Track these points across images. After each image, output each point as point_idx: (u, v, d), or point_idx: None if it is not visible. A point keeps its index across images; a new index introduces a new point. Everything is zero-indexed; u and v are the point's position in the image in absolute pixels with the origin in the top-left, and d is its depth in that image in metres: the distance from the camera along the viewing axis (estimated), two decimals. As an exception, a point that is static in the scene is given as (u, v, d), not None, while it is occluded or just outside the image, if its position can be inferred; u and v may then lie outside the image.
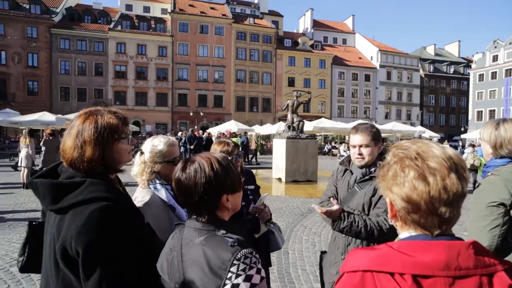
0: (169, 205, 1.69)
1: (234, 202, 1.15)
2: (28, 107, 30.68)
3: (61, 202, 1.10)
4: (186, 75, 40.03)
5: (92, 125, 1.18)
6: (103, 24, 38.11)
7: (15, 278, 3.78)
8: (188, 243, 1.08)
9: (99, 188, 1.12)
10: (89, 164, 1.15)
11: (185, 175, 1.10)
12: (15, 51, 34.43)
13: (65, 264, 1.06)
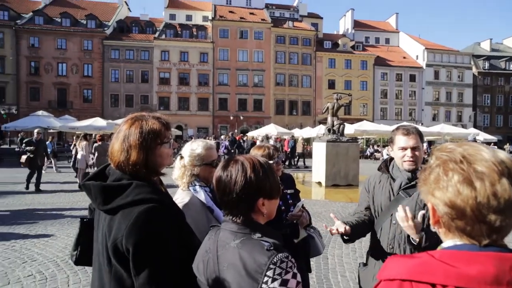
0: (207, 206, 1.74)
1: (270, 209, 1.15)
2: (83, 113, 33.27)
3: (111, 203, 1.18)
4: (226, 80, 40.92)
5: (137, 130, 1.25)
6: (149, 34, 40.22)
7: (73, 269, 4.11)
8: (224, 245, 1.09)
9: (145, 190, 1.19)
10: (134, 167, 1.23)
11: (226, 172, 1.12)
12: (73, 63, 37.54)
13: (117, 260, 1.14)
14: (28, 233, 5.62)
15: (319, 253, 2.12)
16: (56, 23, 38.09)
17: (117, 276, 1.17)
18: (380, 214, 1.98)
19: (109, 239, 1.16)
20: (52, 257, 4.50)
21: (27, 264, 4.27)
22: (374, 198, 2.03)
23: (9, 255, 4.60)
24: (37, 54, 37.01)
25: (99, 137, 10.80)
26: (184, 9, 45.22)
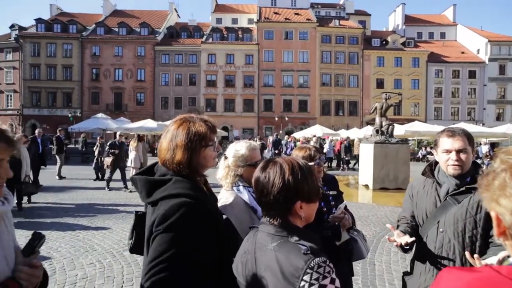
0: (251, 206, 1.78)
1: (308, 212, 1.14)
2: (136, 115, 35.44)
3: (153, 196, 1.29)
4: (271, 81, 41.11)
5: (184, 132, 1.33)
6: (197, 38, 41.76)
7: (126, 261, 4.43)
8: (261, 247, 1.10)
9: (184, 185, 1.27)
10: (178, 166, 1.31)
11: (264, 174, 1.13)
12: (128, 68, 40.28)
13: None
14: (89, 225, 6.16)
15: (363, 257, 2.07)
16: (114, 32, 41.17)
17: None
18: (425, 221, 1.87)
19: (148, 228, 1.27)
20: (109, 249, 4.89)
21: (89, 253, 4.68)
22: (418, 204, 1.93)
23: (74, 243, 5.08)
24: (98, 61, 40.29)
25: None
26: (230, 12, 46.26)
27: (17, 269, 1.10)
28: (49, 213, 7.08)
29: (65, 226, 6.01)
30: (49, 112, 39.87)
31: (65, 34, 40.46)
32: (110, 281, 3.84)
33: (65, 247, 4.89)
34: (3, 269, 1.06)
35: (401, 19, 48.18)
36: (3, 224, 1.14)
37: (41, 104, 40.44)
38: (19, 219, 6.23)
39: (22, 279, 1.08)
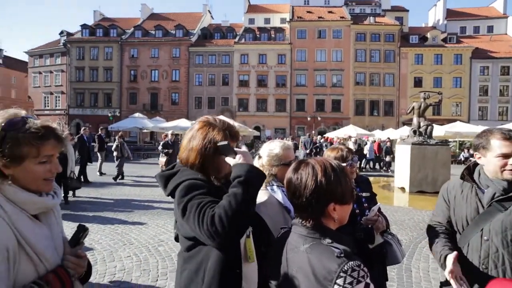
0: (284, 206, 1.79)
1: (341, 214, 1.12)
2: (171, 115, 36.59)
3: (167, 188, 1.39)
4: (304, 80, 40.72)
5: (202, 136, 1.37)
6: (230, 38, 42.31)
7: (161, 255, 4.60)
8: (293, 249, 1.09)
9: (189, 173, 1.36)
10: (191, 167, 1.38)
11: (296, 175, 1.13)
12: (164, 69, 41.68)
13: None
14: (127, 219, 6.45)
15: (398, 262, 2.01)
16: (151, 35, 42.78)
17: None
18: (465, 228, 1.74)
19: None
20: (145, 243, 5.09)
21: (126, 247, 4.91)
22: (456, 210, 1.79)
23: (113, 237, 5.35)
24: (136, 63, 42.06)
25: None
26: (262, 12, 46.39)
27: (65, 258, 1.18)
28: (91, 207, 7.51)
29: (105, 220, 6.34)
30: (91, 112, 42.26)
31: (106, 38, 42.65)
32: (146, 274, 4.01)
33: (105, 240, 5.16)
34: (54, 258, 1.15)
35: (442, 13, 45.79)
36: (53, 216, 1.23)
37: (84, 104, 42.97)
38: (65, 212, 6.66)
39: (70, 268, 1.17)
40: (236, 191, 1.18)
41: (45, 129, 1.10)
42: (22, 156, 1.07)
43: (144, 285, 3.73)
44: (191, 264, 1.35)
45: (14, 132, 1.06)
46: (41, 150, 1.09)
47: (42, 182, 1.13)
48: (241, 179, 1.20)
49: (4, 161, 1.06)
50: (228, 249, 1.32)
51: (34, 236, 1.09)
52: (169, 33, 42.65)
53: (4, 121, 1.08)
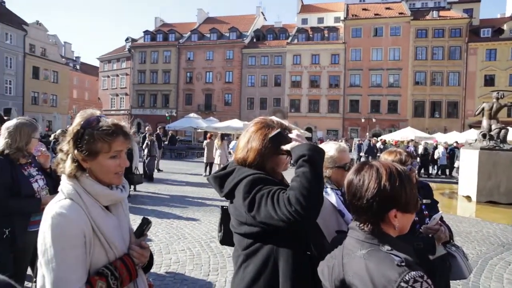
0: (338, 210, 1.74)
1: (403, 223, 1.07)
2: (224, 115, 37.67)
3: (224, 188, 1.41)
4: (358, 80, 39.26)
5: (261, 137, 1.40)
6: (282, 39, 42.34)
7: (213, 251, 4.75)
8: (349, 254, 1.06)
9: (247, 170, 1.38)
10: (248, 167, 1.40)
11: (359, 177, 1.09)
12: (218, 71, 43.11)
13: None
14: (181, 215, 6.78)
15: (464, 277, 1.85)
16: (206, 38, 44.51)
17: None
18: None
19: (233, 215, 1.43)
20: (198, 238, 5.30)
21: (181, 241, 5.16)
22: None
23: (169, 231, 5.66)
24: (192, 65, 44.07)
25: (209, 136, 12.67)
26: (316, 12, 45.68)
27: (131, 248, 1.29)
28: (149, 201, 8.02)
29: (162, 214, 6.72)
30: (150, 112, 45.18)
31: (166, 42, 45.32)
32: (198, 268, 4.17)
33: (162, 233, 5.48)
34: (121, 247, 1.26)
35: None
36: (121, 208, 1.35)
37: (145, 104, 46.13)
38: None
39: (135, 257, 1.27)
40: (304, 169, 1.21)
41: (115, 127, 1.22)
42: (96, 151, 1.19)
43: (197, 278, 3.89)
44: (257, 258, 1.36)
45: (90, 130, 1.19)
46: (112, 145, 1.20)
47: (113, 175, 1.25)
48: (305, 158, 1.24)
49: (83, 155, 1.19)
50: (298, 235, 1.33)
51: (106, 225, 1.21)
52: (223, 35, 43.96)
53: (82, 120, 1.22)
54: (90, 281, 1.14)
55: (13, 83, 37.81)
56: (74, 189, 1.19)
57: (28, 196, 2.45)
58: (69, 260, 1.10)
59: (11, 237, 2.36)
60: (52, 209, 1.14)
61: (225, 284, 3.73)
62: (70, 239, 1.11)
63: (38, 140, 2.63)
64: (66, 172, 1.20)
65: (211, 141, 12.92)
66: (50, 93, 42.39)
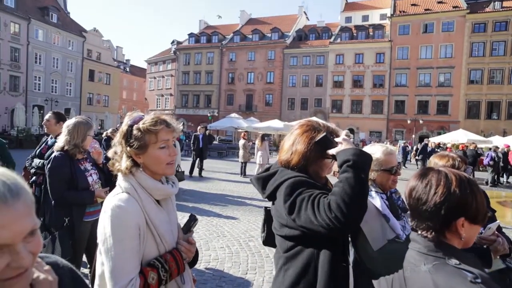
0: (383, 214, 1.68)
1: (470, 234, 1.01)
2: (265, 115, 37.86)
3: (267, 189, 1.43)
4: (404, 80, 37.35)
5: (307, 140, 1.39)
6: (325, 39, 41.57)
7: (251, 250, 4.80)
8: (412, 268, 1.00)
9: (289, 172, 1.39)
10: (291, 169, 1.39)
11: (425, 181, 1.04)
12: (259, 71, 43.43)
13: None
14: (221, 213, 6.92)
15: (527, 296, 1.69)
16: (248, 39, 45.03)
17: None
18: None
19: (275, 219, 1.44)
20: (237, 237, 5.38)
21: (220, 238, 5.27)
22: None
23: (209, 228, 5.81)
24: (234, 66, 44.84)
25: (243, 136, 12.77)
26: (360, 10, 44.23)
27: (179, 243, 1.36)
28: (190, 198, 8.29)
29: (202, 212, 6.91)
30: (193, 112, 46.68)
31: (209, 44, 46.57)
32: (237, 266, 4.23)
33: (202, 230, 5.63)
34: (171, 241, 1.33)
35: None
36: (171, 203, 1.42)
37: (188, 105, 47.77)
38: (170, 200, 7.50)
39: (182, 251, 1.33)
40: (347, 175, 1.19)
41: (158, 118, 1.31)
42: (145, 143, 1.27)
43: (235, 276, 3.95)
44: (297, 261, 1.36)
45: (137, 125, 1.28)
46: (158, 135, 1.28)
47: (165, 166, 1.32)
48: (349, 163, 1.21)
49: (135, 150, 1.28)
50: (337, 243, 1.32)
51: (158, 219, 1.28)
52: (265, 36, 44.18)
53: (129, 120, 1.32)
54: (143, 272, 1.21)
55: (72, 86, 41.08)
56: (130, 184, 1.27)
57: (84, 189, 2.66)
58: (126, 250, 1.18)
59: (70, 226, 2.57)
60: (111, 201, 1.23)
61: (263, 284, 3.74)
62: (127, 230, 1.19)
63: (92, 137, 2.85)
64: (122, 168, 1.29)
65: (246, 140, 13.01)
66: (103, 94, 45.48)
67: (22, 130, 23.15)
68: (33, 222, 0.65)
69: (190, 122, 44.92)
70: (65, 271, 0.82)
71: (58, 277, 0.76)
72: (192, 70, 47.41)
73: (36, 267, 0.72)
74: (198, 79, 47.21)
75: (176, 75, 48.55)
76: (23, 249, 0.63)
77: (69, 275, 0.82)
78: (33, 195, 0.68)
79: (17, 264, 0.62)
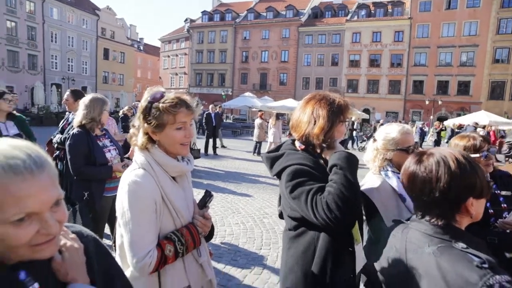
0: (399, 194, 1.67)
1: (478, 210, 0.99)
2: (279, 94, 37.52)
3: (273, 169, 1.48)
4: (424, 59, 36.02)
5: (327, 104, 1.42)
6: (341, 17, 40.18)
7: (266, 227, 4.89)
8: (415, 249, 0.98)
9: (294, 157, 1.41)
10: (316, 138, 1.40)
11: (423, 168, 1.00)
12: (273, 50, 42.64)
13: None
14: (235, 190, 7.03)
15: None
16: (262, 17, 43.98)
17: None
18: None
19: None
20: (251, 214, 5.48)
21: (235, 215, 5.38)
22: None
23: (224, 204, 5.93)
24: (247, 45, 44.12)
25: (260, 115, 12.78)
26: (380, -15, 42.36)
27: (195, 218, 1.39)
28: (205, 175, 8.42)
29: (217, 189, 7.03)
30: (207, 91, 46.60)
31: (222, 22, 45.75)
32: (251, 241, 4.33)
33: (217, 206, 5.75)
34: (187, 215, 1.36)
35: None
36: (186, 180, 1.44)
37: (202, 84, 47.66)
38: (185, 178, 7.64)
39: (198, 226, 1.37)
40: (337, 177, 1.27)
41: (179, 99, 1.30)
42: (163, 123, 1.28)
43: (249, 251, 4.05)
44: (298, 243, 1.42)
45: (156, 103, 1.28)
46: (176, 117, 1.28)
47: (179, 146, 1.33)
48: (336, 167, 1.30)
49: (152, 128, 1.28)
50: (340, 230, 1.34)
51: (174, 195, 1.31)
52: (280, 14, 43.03)
53: (149, 95, 1.31)
54: (160, 244, 1.25)
55: (88, 64, 41.50)
56: (146, 160, 1.29)
57: (102, 164, 2.73)
58: (143, 223, 1.22)
59: (89, 199, 2.66)
60: (128, 177, 1.26)
61: (277, 259, 3.83)
62: (144, 204, 1.22)
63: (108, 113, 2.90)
64: (139, 144, 1.31)
65: (263, 120, 12.95)
66: (117, 72, 45.82)
67: (42, 108, 23.79)
68: (58, 193, 0.69)
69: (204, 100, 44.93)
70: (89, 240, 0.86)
71: (83, 245, 0.80)
72: (206, 48, 46.94)
73: (63, 235, 0.77)
74: (212, 57, 46.80)
75: (190, 53, 48.21)
76: (51, 218, 0.67)
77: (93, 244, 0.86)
78: (56, 168, 0.71)
79: (45, 231, 0.67)
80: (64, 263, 0.75)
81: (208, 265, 1.45)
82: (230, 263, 3.69)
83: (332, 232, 1.33)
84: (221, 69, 46.04)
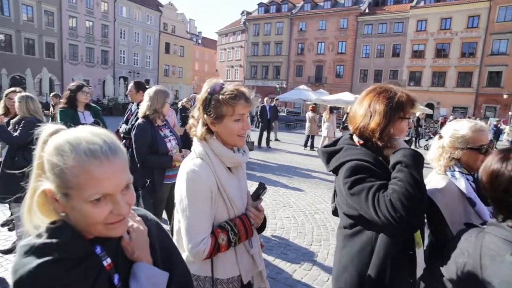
0: (467, 197, 1.52)
1: None
2: (335, 87, 36.45)
3: (330, 164, 1.46)
4: (504, 47, 31.83)
5: (385, 99, 1.36)
6: (405, 3, 37.42)
7: (317, 223, 4.82)
8: (493, 256, 0.91)
9: (353, 152, 1.38)
10: (371, 133, 1.36)
11: (510, 166, 0.93)
12: (330, 41, 41.34)
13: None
14: (287, 184, 7.02)
15: None
16: (319, 7, 42.74)
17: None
18: None
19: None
20: (303, 208, 5.44)
21: (286, 208, 5.39)
22: None
23: (275, 198, 5.96)
24: (303, 36, 43.34)
25: (312, 108, 12.39)
26: (453, -34, 38.51)
27: (248, 209, 1.42)
28: (258, 168, 8.53)
29: (269, 182, 7.09)
30: (262, 83, 46.90)
31: (278, 13, 45.45)
32: (302, 236, 4.31)
33: (269, 199, 5.80)
34: (240, 206, 1.40)
35: None
36: (241, 171, 1.48)
37: (257, 76, 48.09)
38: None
39: (251, 217, 1.39)
40: (403, 175, 1.22)
41: (238, 91, 1.32)
42: (222, 114, 1.31)
43: (300, 245, 4.03)
44: (353, 242, 1.38)
45: (216, 95, 1.31)
46: (235, 109, 1.31)
47: (236, 137, 1.36)
48: (401, 164, 1.25)
49: (211, 119, 1.32)
50: (402, 232, 1.29)
51: (229, 185, 1.35)
52: (338, 3, 41.45)
53: (209, 87, 1.34)
54: (214, 233, 1.30)
55: (151, 58, 44.30)
56: (204, 150, 1.34)
57: (163, 153, 2.91)
58: (200, 211, 1.27)
59: (151, 186, 2.86)
60: (187, 165, 1.32)
61: (327, 256, 3.76)
62: (201, 193, 1.28)
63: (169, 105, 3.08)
64: (198, 135, 1.36)
65: (315, 114, 12.67)
66: (177, 66, 48.20)
67: (112, 99, 26.19)
68: (128, 177, 0.76)
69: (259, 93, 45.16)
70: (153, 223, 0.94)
71: (147, 228, 0.88)
72: (261, 41, 47.14)
73: (130, 217, 0.85)
74: (267, 50, 46.87)
75: (246, 46, 48.82)
76: (122, 199, 0.74)
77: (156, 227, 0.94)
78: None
79: (117, 212, 0.74)
80: (132, 243, 0.83)
81: (259, 256, 1.47)
82: (280, 256, 3.71)
83: (392, 234, 1.28)
84: (276, 62, 45.93)
